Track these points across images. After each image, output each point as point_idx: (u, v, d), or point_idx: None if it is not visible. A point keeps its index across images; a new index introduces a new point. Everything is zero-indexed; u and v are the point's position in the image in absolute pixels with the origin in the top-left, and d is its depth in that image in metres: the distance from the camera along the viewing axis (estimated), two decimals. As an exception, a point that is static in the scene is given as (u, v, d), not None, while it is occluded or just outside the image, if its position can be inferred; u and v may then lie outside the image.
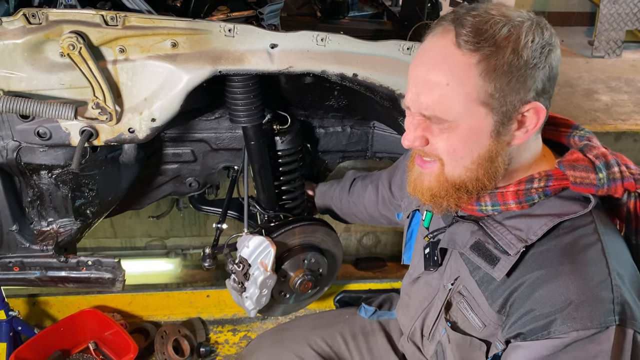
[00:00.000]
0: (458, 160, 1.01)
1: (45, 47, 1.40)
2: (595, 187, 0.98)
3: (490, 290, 1.05)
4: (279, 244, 1.83)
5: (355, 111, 1.98)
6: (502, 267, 1.00)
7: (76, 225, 1.78)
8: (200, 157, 2.01)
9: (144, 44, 1.42)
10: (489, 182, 1.02)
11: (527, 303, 0.97)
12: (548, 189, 1.01)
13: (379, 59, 1.52)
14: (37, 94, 1.45)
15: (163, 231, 3.65)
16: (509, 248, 0.99)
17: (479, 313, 1.08)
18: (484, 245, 1.04)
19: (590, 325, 0.91)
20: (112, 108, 1.46)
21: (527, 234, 0.99)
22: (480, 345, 1.10)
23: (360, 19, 2.18)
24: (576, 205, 1.00)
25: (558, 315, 0.93)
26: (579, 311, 0.92)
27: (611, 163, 0.99)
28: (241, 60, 1.47)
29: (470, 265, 1.10)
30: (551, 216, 0.99)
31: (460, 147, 1.01)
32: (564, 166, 1.00)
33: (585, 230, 0.98)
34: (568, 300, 0.93)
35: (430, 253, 1.22)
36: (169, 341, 2.27)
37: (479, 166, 1.01)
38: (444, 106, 0.97)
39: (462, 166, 1.02)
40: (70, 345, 2.23)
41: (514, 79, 0.92)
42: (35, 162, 1.60)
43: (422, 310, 1.29)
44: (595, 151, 1.01)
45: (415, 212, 1.41)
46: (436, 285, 1.24)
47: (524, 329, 0.98)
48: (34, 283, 1.82)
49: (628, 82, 4.25)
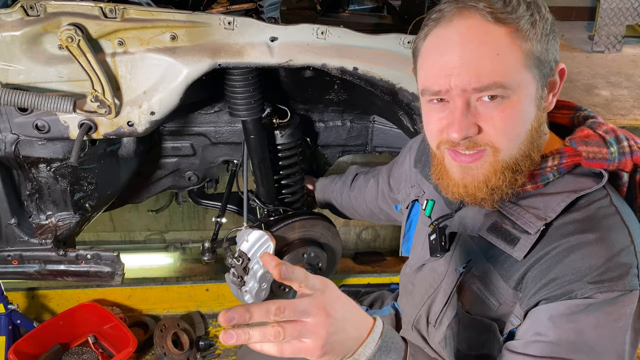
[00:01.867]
0: (514, 139, 0.98)
1: (44, 40, 1.39)
2: (607, 162, 0.99)
3: (506, 267, 1.05)
4: (279, 238, 1.83)
5: (355, 105, 1.97)
6: (523, 246, 1.00)
7: (75, 219, 1.78)
8: (200, 151, 2.00)
9: (143, 37, 1.41)
10: (537, 156, 1.02)
11: (550, 273, 0.97)
12: (562, 166, 1.01)
13: (380, 53, 1.51)
14: (35, 87, 1.44)
15: (162, 225, 3.64)
16: (529, 227, 0.99)
17: (494, 291, 1.08)
18: (502, 226, 1.03)
19: (616, 288, 0.92)
20: (111, 101, 1.45)
21: (546, 211, 0.99)
22: (490, 325, 1.10)
23: (360, 13, 2.17)
24: (590, 181, 1.00)
25: (582, 280, 0.93)
26: (604, 275, 0.92)
27: (621, 137, 1.01)
28: (241, 53, 1.46)
29: (482, 246, 1.10)
30: (567, 192, 0.99)
31: (517, 122, 0.97)
32: (575, 142, 1.01)
33: (602, 202, 0.99)
34: (593, 266, 0.93)
35: (437, 239, 1.20)
36: (168, 335, 2.28)
37: (531, 140, 0.99)
38: (501, 72, 0.93)
39: (517, 145, 0.98)
40: (69, 338, 2.24)
41: (550, 38, 0.96)
42: (34, 156, 1.60)
43: (428, 297, 1.28)
44: (604, 127, 1.03)
45: (414, 203, 1.41)
46: (442, 271, 1.23)
47: (546, 296, 0.97)
48: (33, 277, 1.82)
49: (628, 77, 4.24)
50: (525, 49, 0.94)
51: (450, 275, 1.21)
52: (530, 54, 0.94)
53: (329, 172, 2.26)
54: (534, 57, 0.95)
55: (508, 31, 0.93)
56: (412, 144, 1.51)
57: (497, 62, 0.93)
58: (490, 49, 0.93)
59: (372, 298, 1.70)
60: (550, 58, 0.97)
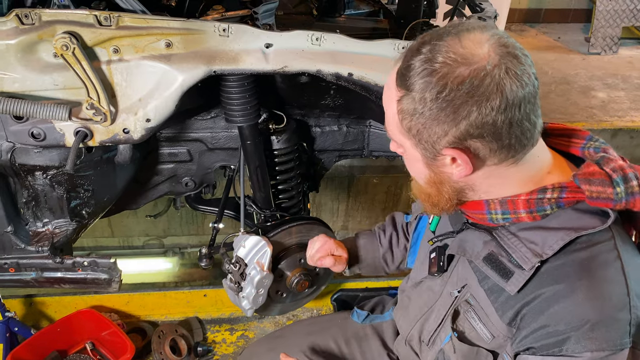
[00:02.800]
0: (416, 177, 1.07)
1: (39, 48, 1.39)
2: (613, 202, 0.94)
3: (501, 301, 1.02)
4: (276, 244, 1.83)
5: (351, 110, 1.97)
6: (516, 281, 0.97)
7: (72, 226, 1.78)
8: (197, 157, 2.00)
9: (138, 44, 1.42)
10: (445, 203, 1.04)
11: (541, 318, 0.95)
12: (561, 200, 0.97)
13: (374, 59, 1.51)
14: (31, 95, 1.44)
15: (161, 230, 3.65)
16: (524, 262, 0.96)
17: (488, 324, 1.06)
18: (497, 257, 1.01)
19: (606, 347, 0.89)
20: (106, 109, 1.45)
21: (543, 248, 0.95)
22: (487, 355, 1.08)
23: (356, 17, 2.17)
24: (594, 219, 0.96)
25: (573, 333, 0.91)
26: (595, 331, 0.89)
27: (629, 177, 0.94)
28: (236, 60, 1.46)
29: (479, 274, 1.07)
30: (568, 230, 0.95)
31: (409, 167, 1.07)
32: (579, 180, 0.96)
33: (604, 246, 0.94)
34: (584, 320, 0.90)
35: (436, 258, 1.19)
36: (166, 341, 2.27)
37: (431, 187, 1.04)
38: (389, 128, 1.01)
39: (421, 182, 1.06)
40: (67, 345, 2.23)
41: (420, 124, 0.92)
42: (30, 163, 1.60)
43: (422, 315, 1.27)
44: (612, 164, 0.96)
45: (422, 216, 1.39)
46: (438, 290, 1.21)
47: (536, 344, 0.95)
48: (30, 284, 1.82)
49: (624, 78, 4.25)
50: (401, 118, 0.94)
51: (445, 296, 1.19)
52: (401, 125, 0.95)
53: (326, 177, 2.26)
54: (406, 129, 0.95)
55: (394, 96, 0.94)
56: None
57: (387, 116, 1.00)
58: (386, 104, 0.99)
59: (373, 303, 1.69)
60: (428, 139, 0.93)
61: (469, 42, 0.88)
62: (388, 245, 1.58)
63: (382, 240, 1.58)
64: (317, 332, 1.58)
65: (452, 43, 0.88)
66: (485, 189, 1.00)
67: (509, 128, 0.89)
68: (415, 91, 0.89)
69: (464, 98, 0.86)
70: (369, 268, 1.60)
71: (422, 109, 0.90)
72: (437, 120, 0.89)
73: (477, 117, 0.87)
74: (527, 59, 0.89)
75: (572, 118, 3.60)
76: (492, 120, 0.87)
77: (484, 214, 1.03)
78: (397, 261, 1.59)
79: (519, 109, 0.88)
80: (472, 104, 0.86)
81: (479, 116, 0.87)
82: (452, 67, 0.86)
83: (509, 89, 0.86)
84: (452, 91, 0.86)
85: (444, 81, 0.86)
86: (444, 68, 0.87)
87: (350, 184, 3.42)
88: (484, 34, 0.89)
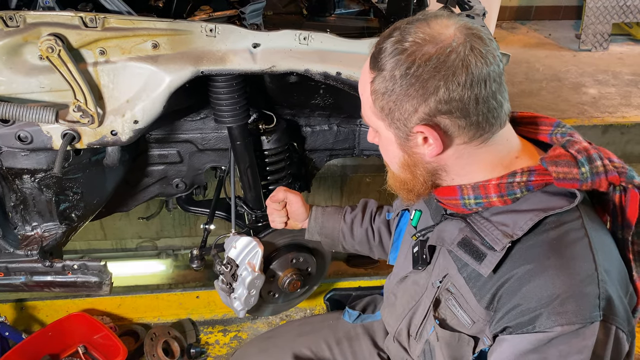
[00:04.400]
0: (393, 167, 1.11)
1: (24, 50, 1.38)
2: (579, 182, 0.98)
3: (478, 286, 1.05)
4: (267, 244, 1.83)
5: (342, 109, 1.97)
6: (489, 262, 1.00)
7: (61, 229, 1.77)
8: (187, 158, 1.99)
9: (125, 46, 1.41)
10: (421, 186, 1.08)
11: (514, 298, 0.97)
12: (530, 183, 1.00)
13: (363, 57, 1.49)
14: (17, 98, 1.43)
15: (153, 232, 3.63)
16: (495, 244, 0.99)
17: (468, 310, 1.08)
18: (470, 241, 1.04)
19: (576, 320, 0.91)
20: (93, 111, 1.44)
21: (513, 229, 0.98)
22: (468, 340, 1.10)
23: (346, 16, 2.16)
24: (562, 200, 0.99)
25: (544, 309, 0.93)
26: (565, 306, 0.92)
27: (593, 157, 0.99)
28: (223, 60, 1.46)
29: (458, 262, 1.10)
30: (537, 211, 0.98)
31: (384, 153, 1.11)
32: (546, 162, 1.00)
33: (572, 225, 0.98)
34: (554, 295, 0.92)
35: (418, 252, 1.21)
36: (158, 343, 2.26)
37: (405, 171, 1.07)
38: (365, 114, 1.06)
39: (395, 168, 1.10)
40: (59, 349, 2.22)
41: (392, 101, 0.97)
42: (17, 167, 1.59)
43: (409, 309, 1.29)
44: (577, 146, 1.01)
45: (404, 212, 1.41)
46: (424, 284, 1.23)
47: (510, 323, 0.98)
48: (19, 288, 1.81)
49: (615, 75, 4.27)
50: (374, 99, 0.99)
51: (429, 289, 1.21)
52: (374, 107, 1.00)
53: (318, 176, 2.26)
54: (378, 110, 1.00)
55: (371, 76, 0.99)
56: None
57: (363, 102, 1.05)
58: (361, 90, 1.04)
59: (365, 303, 1.69)
60: (399, 118, 0.98)
61: (437, 25, 0.94)
62: (350, 222, 1.61)
63: (347, 216, 1.62)
64: (308, 333, 1.58)
65: (420, 26, 0.94)
66: (457, 170, 1.04)
67: (476, 105, 0.93)
68: (386, 70, 0.95)
69: (431, 73, 0.91)
70: (327, 239, 1.64)
71: (392, 86, 0.95)
72: (407, 96, 0.94)
73: (444, 93, 0.92)
74: (493, 42, 0.95)
75: (564, 114, 3.62)
76: (459, 96, 0.92)
77: (457, 199, 1.06)
78: (357, 240, 1.61)
79: (485, 85, 0.92)
80: (439, 78, 0.91)
81: (446, 91, 0.92)
82: (420, 46, 0.92)
83: (474, 65, 0.91)
84: (420, 67, 0.92)
85: (412, 58, 0.92)
86: (413, 47, 0.93)
87: (343, 183, 3.42)
88: (451, 19, 0.95)
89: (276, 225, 1.65)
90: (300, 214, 1.60)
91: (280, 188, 1.61)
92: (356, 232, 1.60)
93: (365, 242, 1.61)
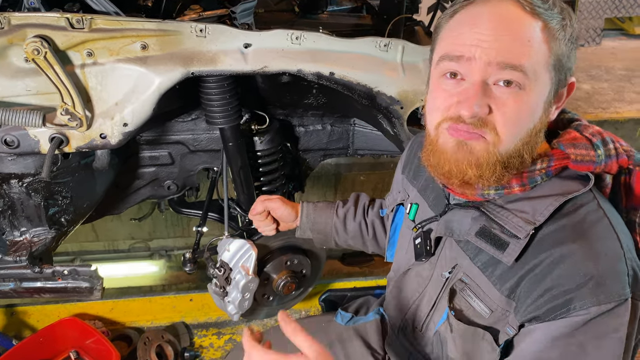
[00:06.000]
0: (517, 133, 0.96)
1: (9, 53, 1.35)
2: (595, 164, 0.99)
3: (497, 275, 1.03)
4: (261, 247, 1.80)
5: (335, 109, 1.95)
6: (512, 251, 0.98)
7: (50, 234, 1.73)
8: (178, 160, 1.97)
9: (113, 47, 1.37)
10: (529, 158, 0.99)
11: (543, 284, 0.96)
12: (550, 169, 1.01)
13: (356, 57, 1.49)
14: (2, 101, 1.40)
15: (146, 233, 3.59)
16: (518, 231, 0.98)
17: (485, 299, 1.06)
18: (490, 230, 1.02)
19: (611, 299, 0.91)
20: (81, 114, 1.41)
21: (534, 215, 0.98)
22: (483, 334, 1.07)
23: (339, 14, 2.14)
24: (576, 183, 1.00)
25: (577, 292, 0.92)
26: (599, 286, 0.91)
27: (607, 140, 1.01)
28: (214, 61, 1.43)
29: (470, 252, 1.08)
30: (555, 196, 0.98)
31: (525, 116, 0.96)
32: (564, 145, 1.01)
33: (590, 207, 0.98)
34: (587, 276, 0.92)
35: (421, 243, 1.19)
36: (152, 347, 2.23)
37: (528, 141, 0.97)
38: (528, 58, 0.92)
39: (516, 140, 0.96)
40: (50, 355, 2.19)
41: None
42: (4, 171, 1.55)
43: (413, 302, 1.27)
44: (590, 129, 1.03)
45: (399, 207, 1.39)
46: (427, 275, 1.21)
47: (541, 310, 0.96)
48: (8, 295, 1.77)
49: (608, 70, 4.27)
50: (552, 47, 0.94)
51: (435, 280, 1.19)
52: (555, 54, 0.95)
53: (312, 176, 2.23)
54: (557, 58, 0.95)
55: (541, 25, 0.93)
56: (403, 154, 1.48)
57: (527, 47, 0.92)
58: (523, 34, 0.92)
59: (358, 304, 1.68)
60: (569, 66, 0.98)
61: None
62: (343, 216, 1.58)
63: (339, 210, 1.59)
64: None
65: None
66: None
67: None
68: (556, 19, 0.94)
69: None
70: (320, 235, 1.60)
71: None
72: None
73: None
74: None
75: (557, 111, 3.61)
76: None
77: (474, 189, 1.04)
78: (350, 234, 1.58)
79: None
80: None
81: None
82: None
83: None
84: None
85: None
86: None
87: (337, 182, 3.39)
88: None
89: (267, 234, 1.63)
90: (287, 215, 1.57)
91: (259, 199, 1.57)
92: (349, 226, 1.58)
93: (359, 237, 1.59)
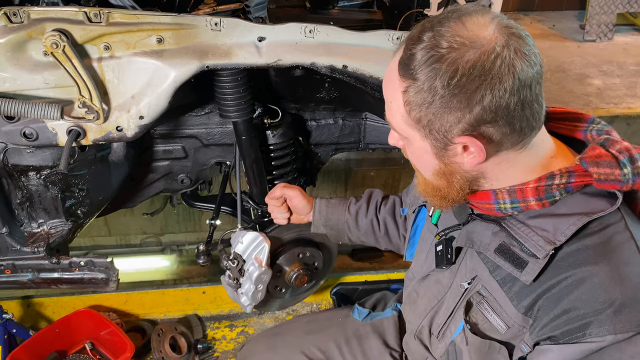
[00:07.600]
0: (426, 174, 1.05)
1: (29, 46, 1.37)
2: (620, 183, 0.93)
3: (515, 291, 1.01)
4: (273, 239, 1.82)
5: (347, 103, 1.96)
6: (531, 270, 0.96)
7: (67, 226, 1.76)
8: (192, 153, 1.99)
9: (129, 41, 1.40)
10: (457, 194, 1.02)
11: (561, 304, 0.93)
12: (570, 185, 0.96)
13: (369, 50, 1.50)
14: (21, 94, 1.42)
15: (158, 228, 3.63)
16: (537, 251, 0.95)
17: (502, 315, 1.04)
18: (509, 248, 0.99)
19: (630, 328, 0.88)
20: (98, 107, 1.43)
21: (555, 235, 0.94)
22: (499, 348, 1.06)
23: (349, 9, 2.15)
24: (603, 202, 0.95)
25: (595, 317, 0.89)
26: (618, 314, 0.88)
27: (635, 157, 0.94)
28: (229, 54, 1.44)
29: (490, 265, 1.06)
30: (579, 215, 0.94)
31: (416, 161, 1.05)
32: (586, 163, 0.95)
33: (616, 227, 0.94)
34: (606, 302, 0.89)
35: (442, 251, 1.17)
36: (165, 339, 2.26)
37: (440, 179, 1.02)
38: (393, 121, 0.99)
39: (428, 175, 1.04)
40: (66, 346, 2.22)
41: (431, 113, 0.90)
42: (23, 164, 1.58)
43: (431, 308, 1.25)
44: (617, 145, 0.96)
45: (421, 208, 1.37)
46: (447, 283, 1.20)
47: (557, 332, 0.94)
48: (26, 285, 1.81)
49: (620, 65, 4.23)
50: (409, 110, 0.93)
51: (454, 289, 1.17)
52: (409, 117, 0.94)
53: (323, 171, 2.25)
54: (414, 120, 0.93)
55: (399, 87, 0.92)
56: None
57: (390, 108, 0.97)
58: (387, 95, 0.98)
59: (375, 299, 1.67)
60: (443, 129, 0.92)
61: (473, 25, 0.87)
62: (355, 213, 1.59)
63: (351, 207, 1.60)
64: (316, 331, 1.57)
65: (455, 27, 0.87)
66: (497, 175, 0.99)
67: (522, 110, 0.88)
68: (421, 80, 0.88)
69: (477, 82, 0.85)
70: (333, 231, 1.62)
71: (432, 97, 0.88)
72: (449, 108, 0.88)
73: (490, 101, 0.86)
74: (530, 39, 0.89)
75: (569, 106, 3.53)
76: (506, 103, 0.86)
77: (492, 204, 1.02)
78: (362, 231, 1.59)
79: (530, 89, 0.87)
80: (485, 87, 0.85)
81: (493, 99, 0.85)
82: (460, 52, 0.85)
83: (520, 69, 0.85)
84: (464, 76, 0.85)
85: (454, 66, 0.85)
86: (452, 53, 0.85)
87: (348, 178, 3.40)
88: (485, 17, 0.88)
89: (279, 222, 1.64)
90: (302, 207, 1.58)
91: (279, 185, 1.59)
92: (361, 223, 1.58)
93: (371, 233, 1.59)
